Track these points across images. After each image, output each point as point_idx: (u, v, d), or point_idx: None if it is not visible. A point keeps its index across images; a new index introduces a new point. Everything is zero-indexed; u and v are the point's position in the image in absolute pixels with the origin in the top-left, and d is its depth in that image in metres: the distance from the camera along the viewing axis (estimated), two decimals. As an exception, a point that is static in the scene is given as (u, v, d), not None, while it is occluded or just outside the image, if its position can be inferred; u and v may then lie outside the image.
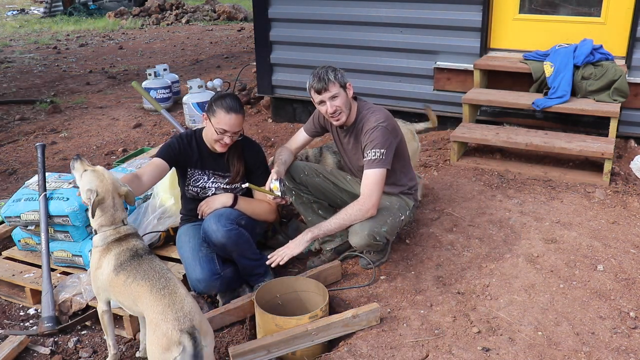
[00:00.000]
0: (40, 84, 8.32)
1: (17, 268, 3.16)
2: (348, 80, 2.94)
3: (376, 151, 2.84)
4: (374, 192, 2.84)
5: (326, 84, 2.85)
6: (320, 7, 5.39)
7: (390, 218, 2.95)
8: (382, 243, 2.97)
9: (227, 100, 2.81)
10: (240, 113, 2.82)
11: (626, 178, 4.07)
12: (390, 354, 2.43)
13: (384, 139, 2.86)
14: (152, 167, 2.82)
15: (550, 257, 3.12)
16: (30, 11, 18.70)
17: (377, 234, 2.88)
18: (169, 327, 2.03)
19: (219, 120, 2.79)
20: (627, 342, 2.48)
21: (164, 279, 2.22)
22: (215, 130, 2.80)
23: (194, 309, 2.13)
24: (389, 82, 5.27)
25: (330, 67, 2.92)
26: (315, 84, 2.87)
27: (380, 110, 2.99)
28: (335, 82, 2.86)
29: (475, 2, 4.76)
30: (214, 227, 2.78)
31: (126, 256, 2.34)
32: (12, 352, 2.64)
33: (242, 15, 15.53)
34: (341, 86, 2.89)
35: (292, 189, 3.14)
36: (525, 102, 4.39)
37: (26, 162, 5.18)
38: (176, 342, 2.02)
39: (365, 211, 2.83)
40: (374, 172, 2.83)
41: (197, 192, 3.02)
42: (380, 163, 2.83)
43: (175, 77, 7.03)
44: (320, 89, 2.86)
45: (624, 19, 4.45)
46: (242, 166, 3.00)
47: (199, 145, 2.97)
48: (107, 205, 2.40)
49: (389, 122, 2.94)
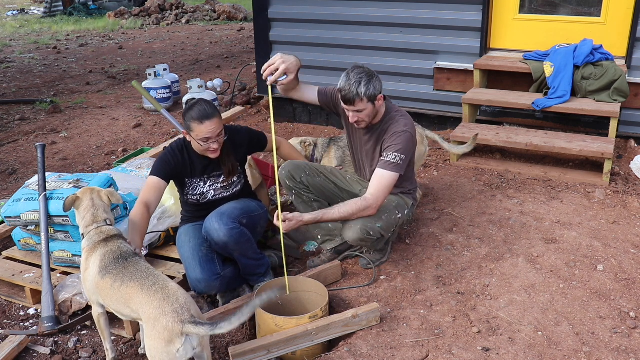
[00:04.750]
0: (40, 84, 8.32)
1: (17, 268, 3.16)
2: (379, 92, 2.82)
3: (397, 155, 2.81)
4: (381, 193, 2.82)
5: (353, 99, 2.78)
6: (320, 7, 5.39)
7: (385, 215, 2.95)
8: (376, 239, 2.96)
9: (196, 109, 2.75)
10: (214, 117, 2.76)
11: (626, 178, 4.07)
12: (390, 354, 2.43)
13: (408, 146, 2.85)
14: (153, 191, 2.81)
15: (550, 257, 3.12)
16: (30, 11, 18.70)
17: (371, 229, 2.88)
18: (169, 320, 2.06)
19: (197, 132, 2.75)
20: (627, 342, 2.48)
21: (152, 276, 2.25)
22: (199, 142, 2.78)
23: (188, 300, 2.17)
24: (389, 82, 5.26)
25: (366, 77, 2.77)
26: (344, 93, 2.80)
27: (408, 116, 2.96)
28: (363, 98, 2.77)
29: (475, 2, 4.76)
30: (216, 225, 2.78)
31: (111, 258, 2.35)
32: (12, 352, 2.64)
33: (242, 15, 15.53)
34: (369, 100, 2.80)
35: (292, 188, 3.13)
36: (525, 102, 4.39)
37: (26, 162, 5.18)
38: (178, 334, 2.06)
39: (366, 208, 2.81)
40: (388, 175, 2.81)
41: (197, 199, 3.02)
42: (396, 167, 2.81)
43: (175, 77, 7.03)
44: (347, 101, 2.82)
45: (623, 19, 4.45)
46: (233, 160, 2.99)
47: (190, 154, 2.95)
48: (86, 205, 2.50)
49: (414, 131, 2.93)
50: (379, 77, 2.86)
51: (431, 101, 5.14)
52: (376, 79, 2.83)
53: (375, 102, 2.84)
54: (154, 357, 2.10)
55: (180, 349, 2.06)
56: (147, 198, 2.78)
